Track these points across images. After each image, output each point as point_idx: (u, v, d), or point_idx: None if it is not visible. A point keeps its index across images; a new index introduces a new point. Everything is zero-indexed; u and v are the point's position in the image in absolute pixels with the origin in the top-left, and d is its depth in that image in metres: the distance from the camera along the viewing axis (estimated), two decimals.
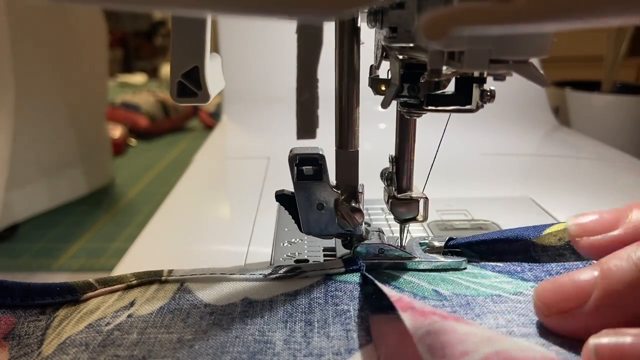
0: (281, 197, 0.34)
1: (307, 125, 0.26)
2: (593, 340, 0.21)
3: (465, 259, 0.35)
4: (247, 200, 0.48)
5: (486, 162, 0.61)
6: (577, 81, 0.99)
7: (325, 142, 0.32)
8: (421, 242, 0.37)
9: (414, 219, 0.35)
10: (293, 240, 0.39)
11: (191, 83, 0.32)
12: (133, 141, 1.52)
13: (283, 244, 0.39)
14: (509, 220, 0.42)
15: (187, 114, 1.77)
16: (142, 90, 1.97)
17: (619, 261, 0.24)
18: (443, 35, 0.15)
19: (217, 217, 0.47)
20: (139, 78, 2.81)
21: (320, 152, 0.32)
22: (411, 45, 0.27)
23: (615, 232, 0.28)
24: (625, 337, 0.21)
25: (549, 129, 0.77)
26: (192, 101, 0.32)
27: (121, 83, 2.64)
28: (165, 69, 2.59)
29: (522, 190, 0.50)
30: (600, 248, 0.29)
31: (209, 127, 1.71)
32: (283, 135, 0.70)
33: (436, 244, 0.37)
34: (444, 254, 0.36)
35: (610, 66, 0.91)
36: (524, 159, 0.64)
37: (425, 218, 0.35)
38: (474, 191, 0.50)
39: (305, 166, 0.32)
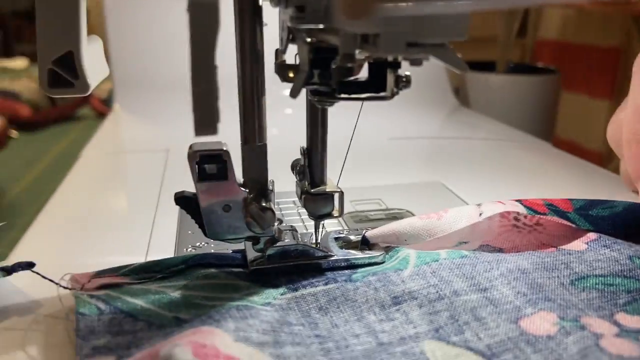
0: (181, 199, 0.30)
1: (206, 119, 0.23)
2: None
3: (382, 252, 0.33)
4: (144, 200, 0.44)
5: (395, 147, 0.60)
6: (473, 62, 1.02)
7: (228, 135, 0.29)
8: (336, 237, 0.35)
9: (329, 215, 0.33)
10: (198, 244, 0.35)
11: (65, 71, 0.27)
12: (14, 133, 1.37)
13: (187, 250, 0.35)
14: (423, 207, 0.41)
15: (76, 101, 1.63)
16: (22, 76, 1.78)
17: None
18: (366, 14, 0.12)
19: (110, 220, 0.42)
20: (19, 62, 2.54)
21: (224, 148, 0.29)
22: (321, 26, 0.25)
23: None
24: None
25: (450, 110, 0.78)
26: (69, 92, 0.27)
27: None
28: None
29: (432, 175, 0.50)
30: None
31: (102, 115, 1.59)
32: (183, 124, 0.64)
33: (352, 238, 0.35)
34: (361, 249, 0.34)
35: (503, 46, 0.95)
36: (431, 142, 0.65)
37: (341, 213, 0.33)
38: (386, 178, 0.49)
39: (208, 164, 0.29)
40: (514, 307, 0.27)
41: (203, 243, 0.35)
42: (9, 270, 0.29)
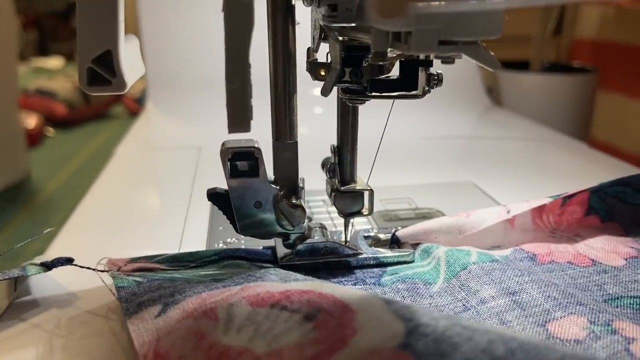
0: (213, 195, 0.30)
1: (239, 117, 0.23)
2: None
3: (412, 251, 0.33)
4: (177, 196, 0.44)
5: (427, 146, 0.60)
6: (507, 61, 1.00)
7: (259, 133, 0.29)
8: (366, 235, 0.35)
9: (358, 213, 0.33)
10: (229, 240, 0.36)
11: (103, 69, 0.27)
12: (50, 131, 1.41)
13: (217, 245, 0.35)
14: (453, 206, 0.41)
15: (110, 100, 1.67)
16: (58, 75, 1.83)
17: None
18: (400, 12, 0.12)
19: (144, 215, 0.43)
20: (55, 62, 2.63)
21: (256, 145, 0.29)
22: (352, 25, 0.25)
23: None
24: None
25: (483, 110, 0.77)
26: (106, 90, 0.28)
27: (36, 68, 2.46)
28: None
29: (463, 175, 0.50)
30: None
31: (134, 114, 1.62)
32: (215, 123, 0.65)
33: (381, 236, 0.35)
34: (390, 247, 0.34)
35: (538, 45, 0.93)
36: (463, 142, 0.64)
37: (370, 211, 0.33)
38: (417, 177, 0.48)
39: (240, 161, 0.29)
40: (543, 311, 0.26)
41: (234, 239, 0.36)
42: (49, 266, 0.30)
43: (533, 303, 0.27)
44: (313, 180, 0.37)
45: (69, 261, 0.30)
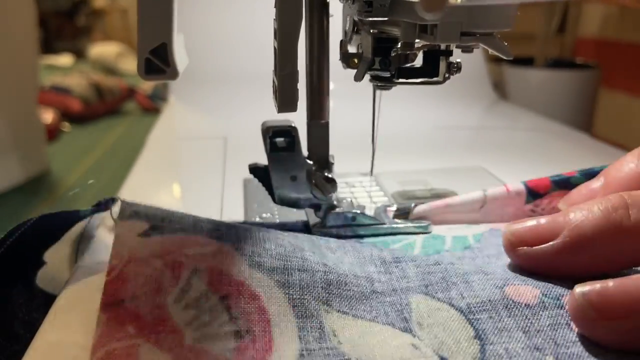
0: (255, 169, 0.34)
1: (288, 99, 0.27)
2: (579, 289, 0.23)
3: (429, 222, 0.37)
4: (211, 178, 0.48)
5: (439, 135, 0.64)
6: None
7: (294, 114, 0.32)
8: (387, 208, 0.38)
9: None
10: (264, 214, 0.40)
11: (159, 60, 0.31)
12: (67, 126, 1.45)
13: (254, 219, 0.39)
14: (466, 188, 0.45)
15: (123, 96, 1.70)
16: (72, 72, 1.87)
17: (588, 209, 0.25)
18: (442, 6, 0.16)
19: (184, 197, 0.47)
20: (65, 59, 2.67)
21: (293, 124, 0.33)
22: (384, 19, 0.28)
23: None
24: (608, 282, 0.22)
25: (490, 103, 0.81)
26: (161, 78, 0.32)
27: (46, 65, 2.50)
28: (95, 51, 2.48)
29: (474, 161, 0.53)
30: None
31: (146, 110, 1.66)
32: (237, 114, 0.69)
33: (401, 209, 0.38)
34: (410, 220, 0.38)
35: (542, 42, 0.96)
36: (472, 131, 0.68)
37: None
38: (431, 162, 0.52)
39: (278, 138, 0.33)
40: (504, 278, 0.28)
41: (268, 214, 0.40)
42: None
43: (496, 272, 0.28)
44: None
45: (113, 201, 0.30)
